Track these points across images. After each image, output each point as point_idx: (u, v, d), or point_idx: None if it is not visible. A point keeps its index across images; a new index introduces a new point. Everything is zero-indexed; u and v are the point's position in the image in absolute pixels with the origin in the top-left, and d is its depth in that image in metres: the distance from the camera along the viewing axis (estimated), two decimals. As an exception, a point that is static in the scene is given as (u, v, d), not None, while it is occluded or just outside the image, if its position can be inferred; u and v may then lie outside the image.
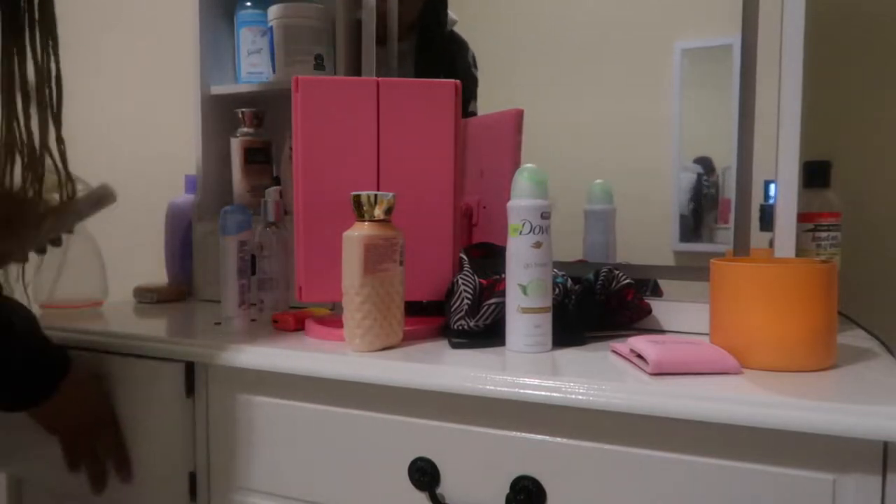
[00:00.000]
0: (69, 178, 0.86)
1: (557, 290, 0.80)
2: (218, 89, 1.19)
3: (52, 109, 0.84)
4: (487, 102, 1.01)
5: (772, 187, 0.83)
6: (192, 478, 0.85)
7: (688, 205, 0.91)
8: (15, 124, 0.78)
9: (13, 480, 1.01)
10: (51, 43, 0.88)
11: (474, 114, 1.02)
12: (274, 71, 1.15)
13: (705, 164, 0.90)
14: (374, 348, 0.76)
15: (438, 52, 1.02)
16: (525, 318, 0.75)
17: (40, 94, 0.79)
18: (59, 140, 0.83)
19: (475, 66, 1.00)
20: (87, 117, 1.63)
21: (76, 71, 1.63)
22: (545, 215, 0.75)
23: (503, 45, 1.01)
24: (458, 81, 0.86)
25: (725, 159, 0.87)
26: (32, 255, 0.92)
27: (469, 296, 0.80)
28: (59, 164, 0.84)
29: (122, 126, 1.59)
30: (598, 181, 0.95)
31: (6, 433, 0.97)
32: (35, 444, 0.86)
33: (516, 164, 0.96)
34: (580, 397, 0.62)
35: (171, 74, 1.53)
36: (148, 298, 1.17)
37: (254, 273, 0.94)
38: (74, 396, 0.82)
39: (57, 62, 0.88)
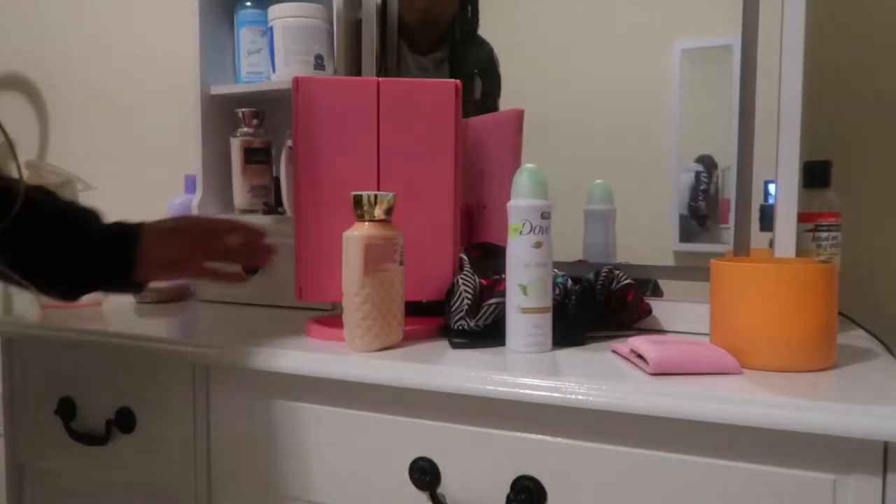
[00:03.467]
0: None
1: (557, 290, 0.80)
2: (218, 89, 1.19)
3: None
4: (487, 102, 1.01)
5: (772, 187, 0.83)
6: (194, 476, 0.86)
7: (688, 205, 0.91)
8: None
9: (14, 467, 1.01)
10: None
11: (497, 110, 1.02)
12: (274, 71, 1.15)
13: (705, 163, 0.90)
14: (374, 348, 0.76)
15: (473, 60, 1.02)
16: (525, 318, 0.75)
17: None
18: None
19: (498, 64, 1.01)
20: (86, 117, 1.63)
21: (77, 70, 1.64)
22: (545, 215, 0.75)
23: (503, 45, 1.01)
24: (458, 81, 0.86)
25: (725, 159, 0.87)
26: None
27: (469, 296, 0.80)
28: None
29: (122, 126, 1.60)
30: (598, 181, 0.95)
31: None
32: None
33: (516, 164, 0.96)
34: (580, 397, 0.62)
35: (172, 74, 1.53)
36: (148, 298, 1.17)
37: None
38: (161, 232, 0.82)
39: None
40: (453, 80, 0.86)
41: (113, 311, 1.09)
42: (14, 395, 1.01)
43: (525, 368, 0.68)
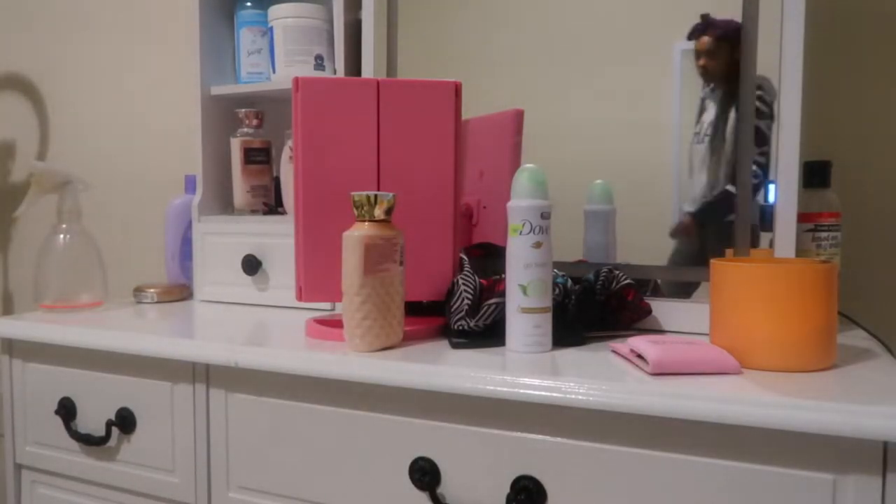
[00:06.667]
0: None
1: (557, 290, 0.80)
2: (218, 89, 1.19)
3: None
4: (487, 102, 1.01)
5: (771, 187, 0.83)
6: (194, 476, 0.86)
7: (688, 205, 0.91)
8: None
9: (14, 467, 1.01)
10: None
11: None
12: (274, 71, 1.15)
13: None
14: (374, 348, 0.76)
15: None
16: (525, 318, 0.75)
17: None
18: None
19: None
20: (87, 117, 1.63)
21: (77, 70, 1.64)
22: (545, 215, 0.75)
23: (503, 45, 1.01)
24: (458, 81, 0.86)
25: (725, 159, 0.87)
26: (31, 256, 0.91)
27: (469, 296, 0.80)
28: None
29: (122, 126, 1.60)
30: (598, 181, 0.94)
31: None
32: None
33: (516, 164, 0.96)
34: (580, 397, 0.62)
35: (172, 74, 1.53)
36: (148, 298, 1.17)
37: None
38: None
39: None
40: (453, 80, 0.86)
41: (113, 311, 1.09)
42: (14, 395, 1.01)
43: (525, 368, 0.68)
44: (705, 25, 0.89)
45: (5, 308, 1.77)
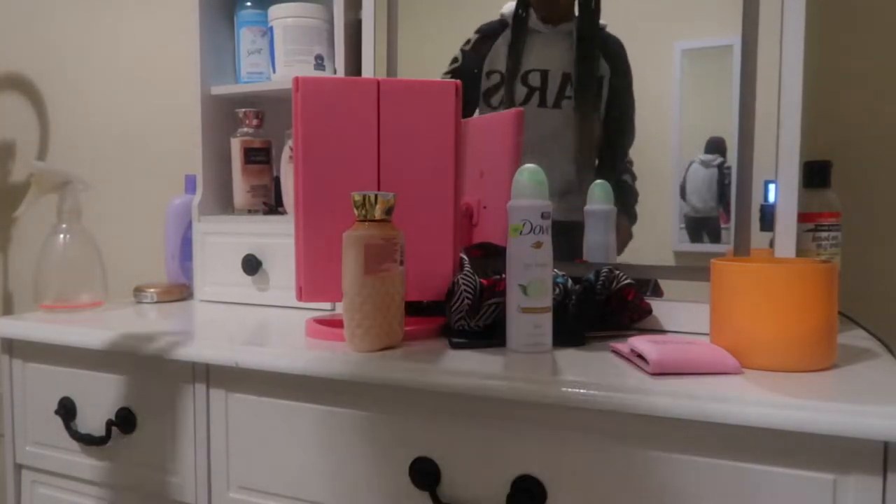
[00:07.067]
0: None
1: (558, 290, 0.80)
2: (218, 89, 1.19)
3: None
4: (487, 102, 1.01)
5: (772, 187, 0.83)
6: (194, 476, 0.86)
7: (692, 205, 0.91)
8: None
9: (14, 467, 1.01)
10: None
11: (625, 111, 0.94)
12: (274, 71, 1.15)
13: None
14: (375, 348, 0.76)
15: (600, 39, 0.91)
16: (525, 318, 0.75)
17: None
18: None
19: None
20: (87, 117, 1.63)
21: (78, 71, 1.64)
22: (545, 215, 0.75)
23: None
24: (458, 81, 0.86)
25: (726, 160, 0.87)
26: (31, 256, 0.91)
27: (469, 296, 0.80)
28: None
29: (122, 126, 1.60)
30: (598, 181, 0.95)
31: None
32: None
33: (516, 164, 0.96)
34: (580, 397, 0.62)
35: (172, 74, 1.53)
36: (148, 298, 1.17)
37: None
38: None
39: None
40: (454, 80, 0.86)
41: (113, 311, 1.09)
42: (14, 395, 1.01)
43: (525, 368, 0.68)
44: None
45: (5, 308, 1.77)
